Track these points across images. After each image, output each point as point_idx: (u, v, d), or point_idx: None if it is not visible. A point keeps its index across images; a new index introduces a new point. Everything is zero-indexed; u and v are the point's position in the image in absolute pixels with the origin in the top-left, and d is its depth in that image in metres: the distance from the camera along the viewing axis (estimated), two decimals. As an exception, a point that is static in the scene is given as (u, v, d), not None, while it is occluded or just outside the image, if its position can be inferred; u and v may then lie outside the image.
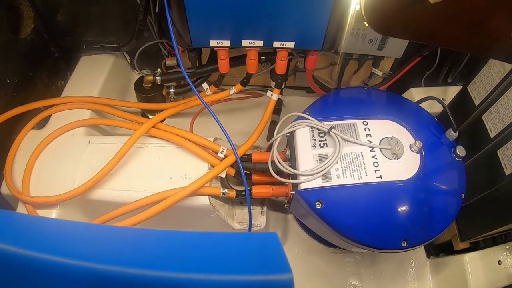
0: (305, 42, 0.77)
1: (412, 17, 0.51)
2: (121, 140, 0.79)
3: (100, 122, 0.93)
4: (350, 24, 0.76)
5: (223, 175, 0.79)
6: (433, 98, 0.75)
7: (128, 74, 1.18)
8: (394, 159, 0.66)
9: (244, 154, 0.82)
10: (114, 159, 0.75)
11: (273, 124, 1.01)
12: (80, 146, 0.83)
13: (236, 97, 1.06)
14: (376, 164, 0.66)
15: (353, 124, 0.71)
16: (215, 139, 0.83)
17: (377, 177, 0.65)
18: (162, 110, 0.94)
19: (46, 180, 0.79)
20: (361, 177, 0.65)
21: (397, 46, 0.90)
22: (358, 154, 0.67)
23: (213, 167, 0.78)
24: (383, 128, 0.70)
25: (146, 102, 1.03)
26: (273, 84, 1.00)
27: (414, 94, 0.95)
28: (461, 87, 0.83)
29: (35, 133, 0.88)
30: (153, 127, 0.82)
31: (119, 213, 0.73)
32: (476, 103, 0.75)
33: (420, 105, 0.79)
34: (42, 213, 0.76)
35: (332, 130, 0.68)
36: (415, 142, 0.67)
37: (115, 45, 1.07)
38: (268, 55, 0.93)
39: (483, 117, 0.73)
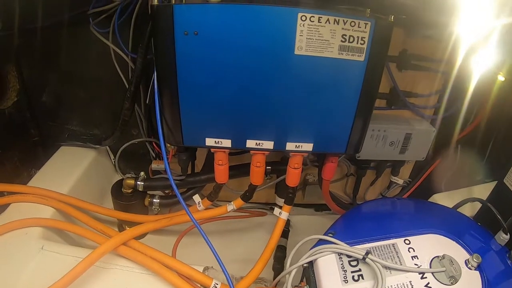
0: (326, 144, 0.68)
1: None
2: (81, 254, 0.70)
3: (60, 226, 0.82)
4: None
5: (214, 320, 0.67)
6: (474, 200, 0.72)
7: (109, 175, 1.10)
8: (452, 283, 0.57)
9: (245, 291, 0.72)
10: (65, 278, 0.64)
11: (281, 249, 0.91)
12: (31, 250, 0.75)
13: (235, 215, 0.94)
14: (431, 295, 0.56)
15: (393, 244, 0.63)
16: (206, 268, 0.74)
17: (436, 313, 0.54)
18: (140, 223, 0.85)
19: (-20, 285, 0.70)
20: (416, 317, 0.54)
21: (420, 148, 0.90)
22: (407, 284, 0.58)
23: (201, 308, 0.68)
24: (429, 245, 0.63)
25: (123, 210, 0.91)
26: (279, 201, 0.95)
27: (439, 200, 0.89)
28: (493, 183, 0.79)
29: (-14, 221, 0.80)
30: (123, 244, 0.72)
31: None
32: (518, 195, 0.71)
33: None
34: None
35: (369, 256, 0.59)
36: (472, 256, 0.59)
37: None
38: (274, 165, 0.87)
39: (530, 210, 0.68)
